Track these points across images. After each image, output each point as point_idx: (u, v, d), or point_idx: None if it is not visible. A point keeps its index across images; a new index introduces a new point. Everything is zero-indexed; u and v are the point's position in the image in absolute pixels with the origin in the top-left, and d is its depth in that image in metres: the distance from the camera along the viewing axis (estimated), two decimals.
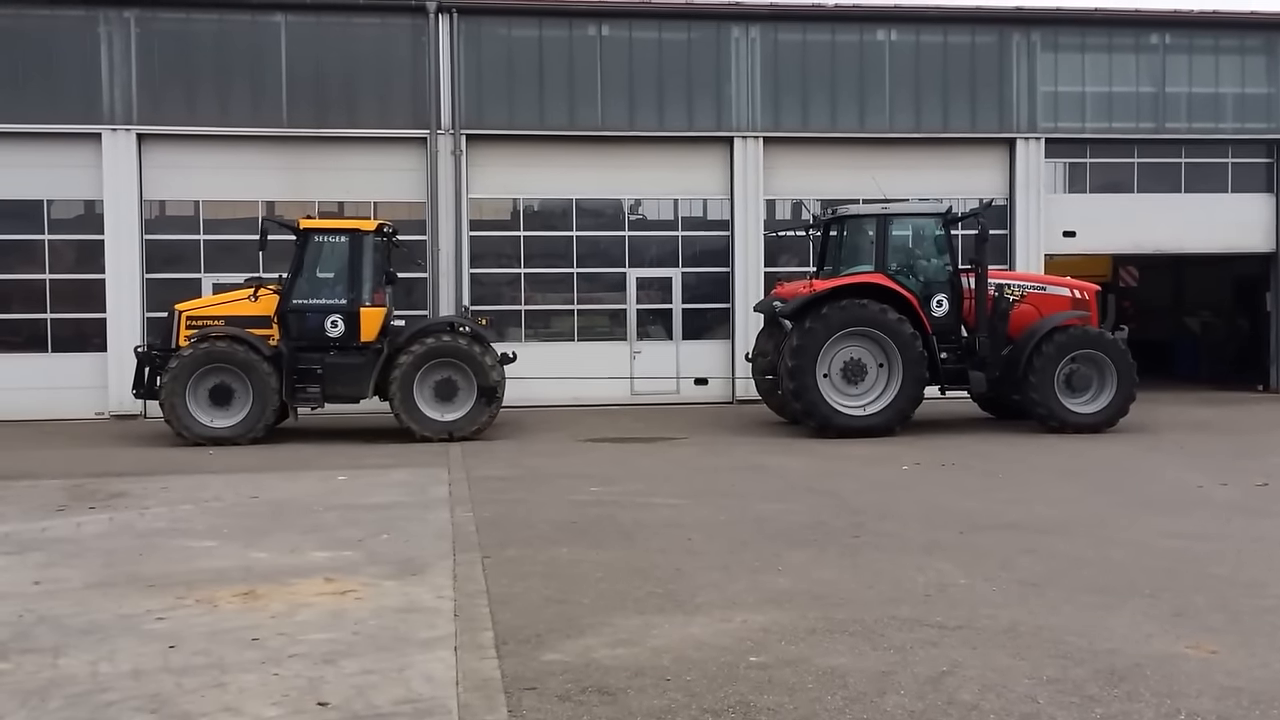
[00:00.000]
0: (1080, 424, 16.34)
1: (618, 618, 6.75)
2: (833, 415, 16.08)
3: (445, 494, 11.40)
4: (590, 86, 21.21)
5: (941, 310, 16.70)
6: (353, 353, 16.40)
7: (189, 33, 20.40)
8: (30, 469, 13.58)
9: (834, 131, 21.83)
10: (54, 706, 5.30)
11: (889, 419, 16.15)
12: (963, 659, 5.93)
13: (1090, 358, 16.56)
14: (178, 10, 20.41)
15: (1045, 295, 17.23)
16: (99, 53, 19.93)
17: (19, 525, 9.87)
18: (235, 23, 20.54)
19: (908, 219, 17.45)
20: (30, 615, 6.84)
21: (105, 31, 19.93)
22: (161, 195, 20.49)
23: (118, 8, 19.95)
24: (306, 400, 16.41)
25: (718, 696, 5.39)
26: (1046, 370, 16.32)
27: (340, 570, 8.00)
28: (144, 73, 20.06)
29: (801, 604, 7.03)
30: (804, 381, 15.98)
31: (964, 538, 9.12)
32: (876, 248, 16.75)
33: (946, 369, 16.57)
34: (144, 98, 20.04)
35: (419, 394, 16.32)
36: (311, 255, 16.53)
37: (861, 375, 16.24)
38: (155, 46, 20.16)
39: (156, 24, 20.23)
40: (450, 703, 5.30)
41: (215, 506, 10.78)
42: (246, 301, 16.47)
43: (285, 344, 16.26)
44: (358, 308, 16.38)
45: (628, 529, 9.56)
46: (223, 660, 5.95)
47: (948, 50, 22.15)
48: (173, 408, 15.88)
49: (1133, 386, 16.61)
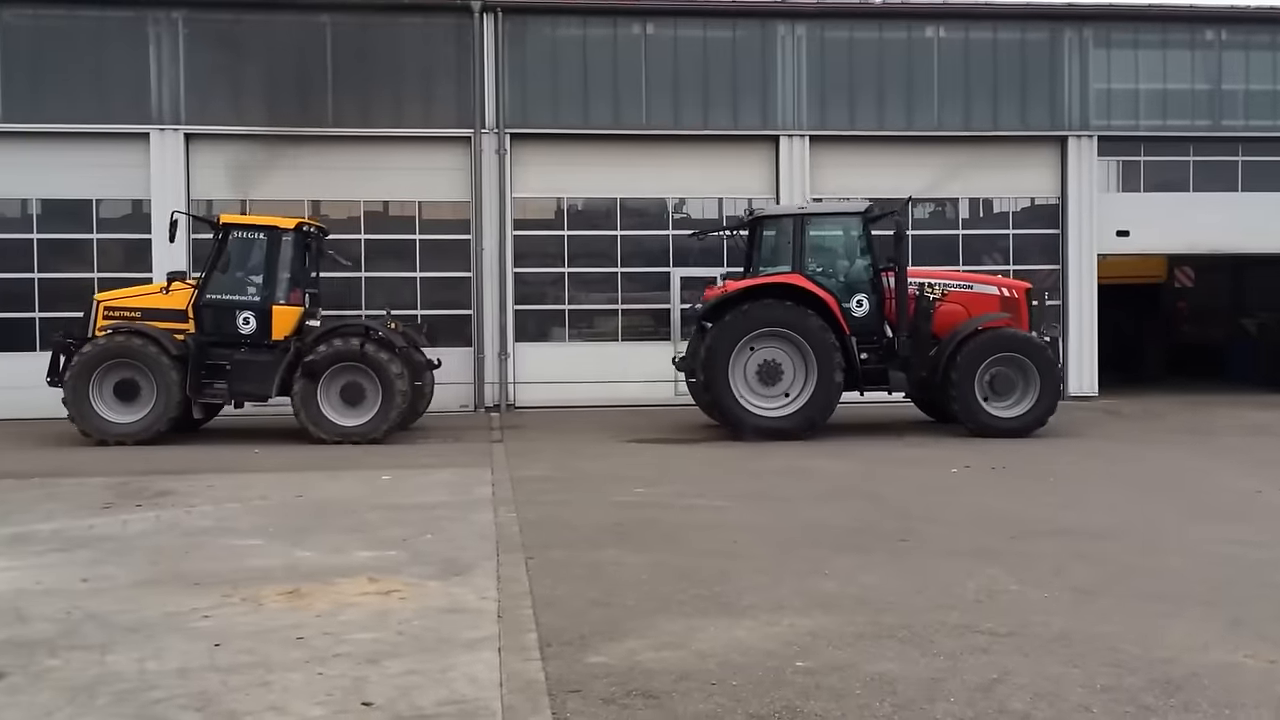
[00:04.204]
0: (1001, 428, 15.88)
1: (662, 620, 6.68)
2: (745, 416, 15.86)
3: (488, 494, 11.38)
4: (635, 85, 21.17)
5: (862, 310, 16.38)
6: (262, 350, 16.23)
7: (236, 33, 20.58)
8: (77, 466, 13.72)
9: (881, 130, 21.66)
10: (101, 703, 5.32)
11: (802, 421, 15.87)
12: (1014, 666, 5.81)
13: (1013, 360, 16.06)
14: (225, 11, 20.60)
15: (972, 294, 16.78)
16: (147, 53, 20.14)
17: (67, 523, 9.95)
18: (281, 23, 20.70)
19: (826, 219, 17.28)
20: (78, 612, 6.88)
21: (154, 32, 20.15)
22: (208, 195, 20.66)
23: (166, 9, 20.16)
24: (213, 396, 16.21)
25: (764, 701, 5.31)
26: (966, 372, 15.87)
27: (384, 570, 7.99)
28: (191, 73, 20.25)
29: (848, 608, 6.93)
30: (716, 382, 15.84)
31: (1015, 543, 8.97)
32: (794, 248, 16.48)
33: (866, 370, 16.19)
34: (191, 98, 20.24)
35: (324, 397, 16.02)
36: (229, 251, 16.49)
37: (777, 377, 15.99)
38: (203, 47, 20.36)
39: (204, 25, 20.43)
40: (494, 704, 5.26)
41: (260, 505, 10.83)
42: (161, 295, 16.43)
43: (197, 339, 16.10)
44: (270, 305, 16.28)
45: (672, 531, 9.49)
46: (268, 659, 5.95)
47: (998, 47, 21.90)
48: (75, 403, 15.71)
49: (1057, 390, 16.13)
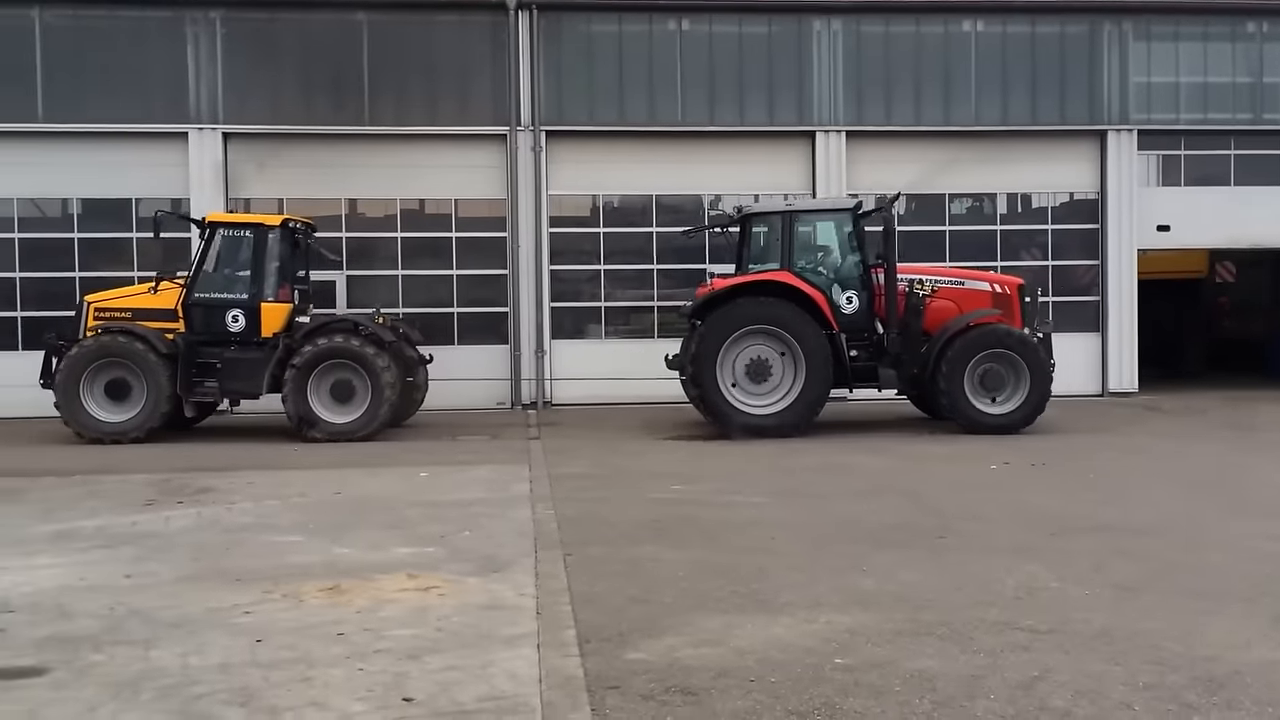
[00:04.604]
0: (990, 425, 15.81)
1: (700, 617, 6.68)
2: (733, 414, 15.83)
3: (526, 491, 11.41)
4: (670, 81, 21.14)
5: (852, 307, 16.27)
6: (252, 348, 16.33)
7: (272, 32, 20.73)
8: (119, 464, 13.87)
9: (918, 125, 21.53)
10: (145, 698, 5.38)
11: (792, 419, 15.79)
12: (1055, 664, 5.77)
13: (1003, 356, 15.95)
14: (262, 10, 20.73)
15: (963, 290, 16.64)
16: (185, 53, 20.31)
17: (110, 519, 10.07)
18: (318, 21, 20.82)
19: (815, 215, 17.20)
20: (122, 608, 6.97)
21: (192, 32, 20.32)
22: (245, 194, 20.80)
23: (204, 8, 20.32)
24: (203, 394, 16.30)
25: (803, 699, 5.30)
26: (956, 369, 15.78)
27: (423, 566, 8.03)
28: (229, 72, 20.42)
29: (887, 605, 6.90)
30: (704, 380, 15.81)
31: (1054, 539, 8.89)
32: (782, 245, 16.41)
33: (856, 367, 16.12)
34: (229, 97, 20.40)
35: (314, 394, 16.10)
36: (216, 249, 16.60)
37: (766, 374, 15.94)
38: (240, 46, 20.52)
39: (241, 24, 20.58)
40: (534, 701, 5.28)
41: (300, 502, 10.91)
42: (150, 295, 16.56)
43: (186, 337, 16.20)
44: (258, 303, 16.38)
45: (709, 528, 9.49)
46: (309, 655, 6.00)
47: (1036, 41, 21.71)
48: (66, 403, 15.87)
49: (1047, 387, 15.97)
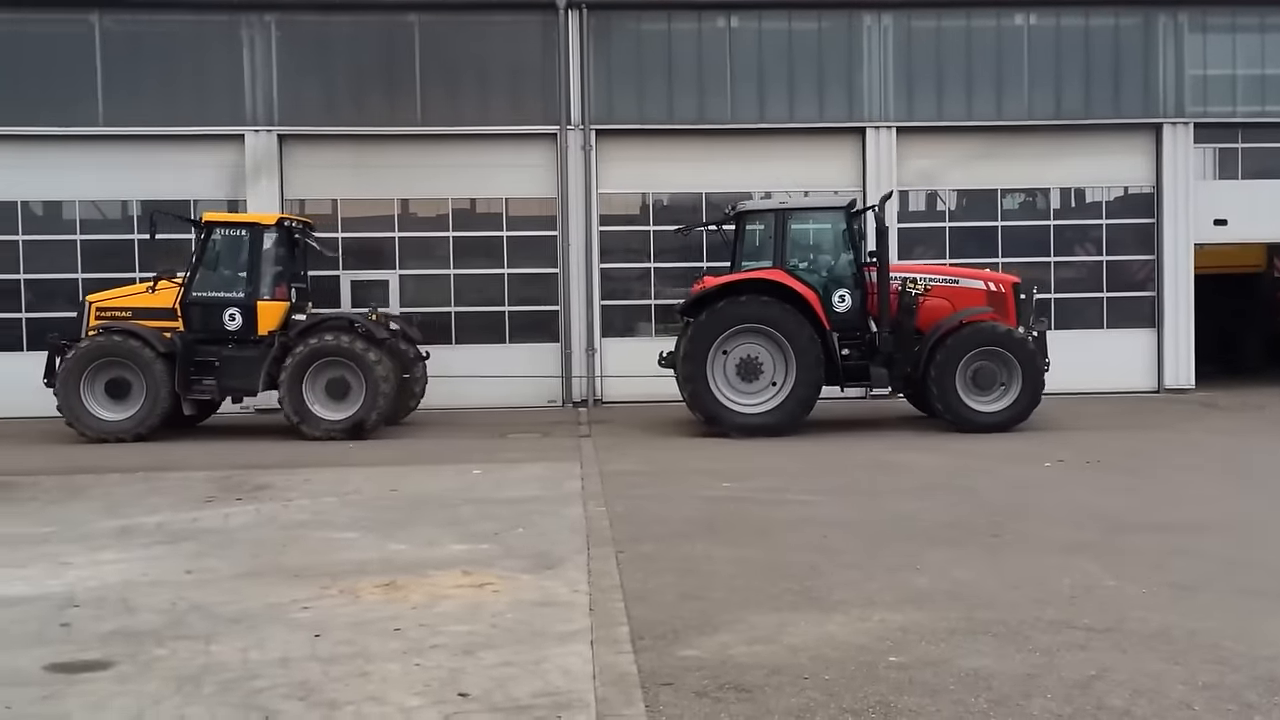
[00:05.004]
0: (983, 423, 15.69)
1: (753, 615, 6.69)
2: (723, 412, 15.82)
3: (578, 489, 11.46)
4: (719, 79, 21.13)
5: (845, 306, 16.18)
6: (249, 346, 16.52)
7: (326, 35, 20.96)
8: (179, 460, 14.12)
9: (969, 120, 21.35)
10: (207, 692, 5.47)
11: (782, 418, 15.75)
12: (1112, 663, 5.73)
13: (995, 354, 15.85)
14: (315, 12, 20.96)
15: (957, 289, 16.52)
16: (241, 56, 20.59)
17: (171, 516, 10.26)
18: (370, 23, 21.01)
19: (808, 213, 17.10)
20: (183, 603, 7.10)
21: (247, 35, 20.60)
22: (301, 194, 21.08)
23: (259, 11, 20.59)
24: (201, 392, 16.48)
25: (857, 696, 5.30)
26: (947, 367, 15.70)
27: (477, 563, 8.11)
28: (284, 74, 20.67)
29: (941, 604, 6.87)
30: (694, 378, 15.81)
31: (1110, 538, 8.81)
32: (775, 243, 16.33)
33: (848, 366, 16.05)
34: (284, 99, 20.65)
35: (310, 392, 16.22)
36: (213, 248, 16.79)
37: (757, 373, 15.90)
38: (294, 48, 20.77)
39: (295, 27, 20.82)
40: (588, 697, 5.31)
41: (356, 499, 11.05)
42: (149, 294, 16.78)
43: (185, 336, 16.39)
44: (255, 301, 16.56)
45: (761, 525, 9.49)
46: (366, 650, 6.08)
47: (1089, 33, 21.45)
48: (67, 402, 16.09)
49: (1039, 385, 15.84)
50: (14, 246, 20.42)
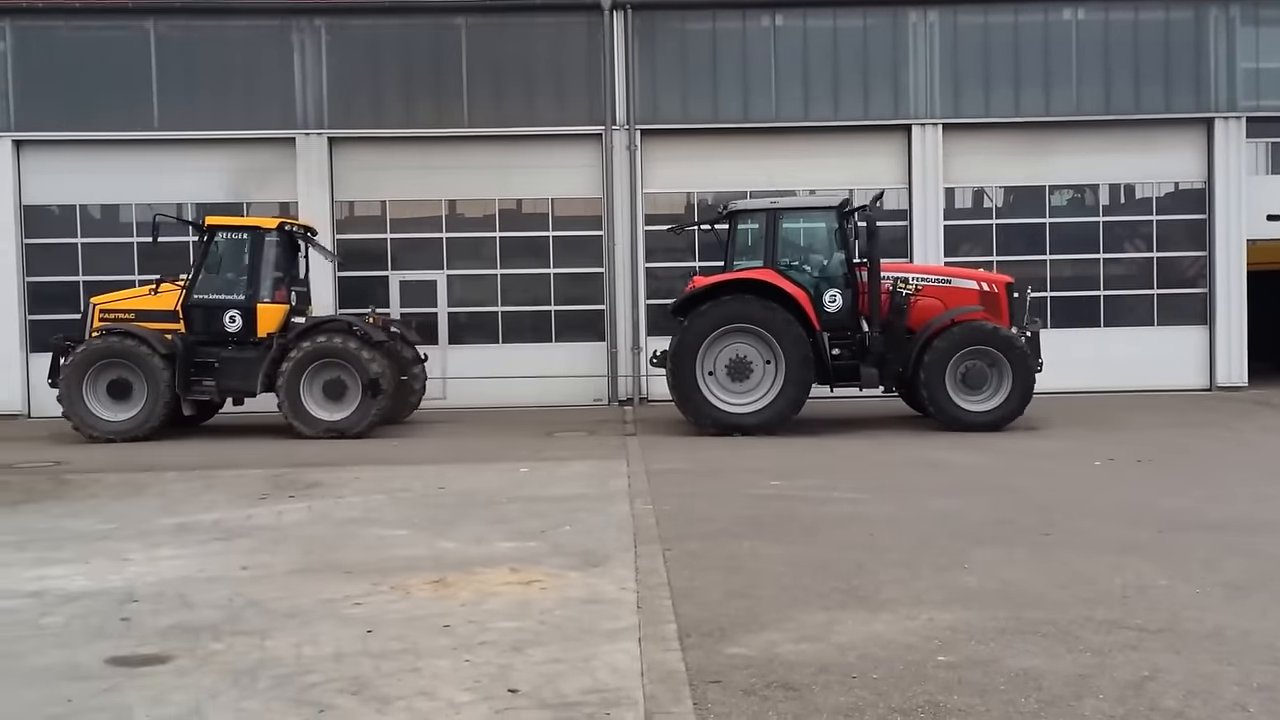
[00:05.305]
0: (972, 422, 15.64)
1: (800, 613, 6.70)
2: (712, 412, 15.85)
3: (624, 486, 11.51)
4: (764, 78, 21.10)
5: (835, 305, 16.15)
6: (248, 348, 16.72)
7: (375, 38, 21.17)
8: (233, 459, 14.33)
9: (1017, 116, 21.17)
10: (262, 686, 5.56)
11: (770, 417, 15.75)
12: (1165, 664, 5.68)
13: (985, 354, 15.78)
14: (364, 17, 21.16)
15: (949, 289, 16.42)
16: (292, 60, 20.85)
17: (227, 513, 10.43)
18: (418, 26, 21.20)
19: (800, 213, 17.07)
20: (239, 599, 7.22)
21: (298, 40, 20.85)
22: (351, 196, 21.31)
23: (309, 16, 20.84)
24: (201, 393, 16.69)
25: (906, 695, 5.29)
26: (937, 366, 15.67)
27: (525, 560, 8.17)
28: (334, 78, 20.89)
29: (990, 603, 6.84)
30: (683, 377, 15.83)
31: (1163, 537, 8.72)
32: (766, 243, 16.30)
33: (838, 366, 16.02)
34: (334, 102, 20.88)
35: (307, 392, 16.43)
36: (214, 251, 17.00)
37: (747, 372, 15.89)
38: (344, 53, 20.99)
39: (345, 31, 21.05)
40: (636, 694, 5.34)
41: (405, 497, 11.16)
42: (151, 296, 17.02)
43: (186, 338, 16.60)
44: (255, 303, 16.75)
45: (807, 523, 9.49)
46: (417, 646, 6.15)
47: (1139, 28, 21.19)
48: (70, 403, 16.30)
49: (1030, 385, 15.72)
50: (73, 249, 20.80)
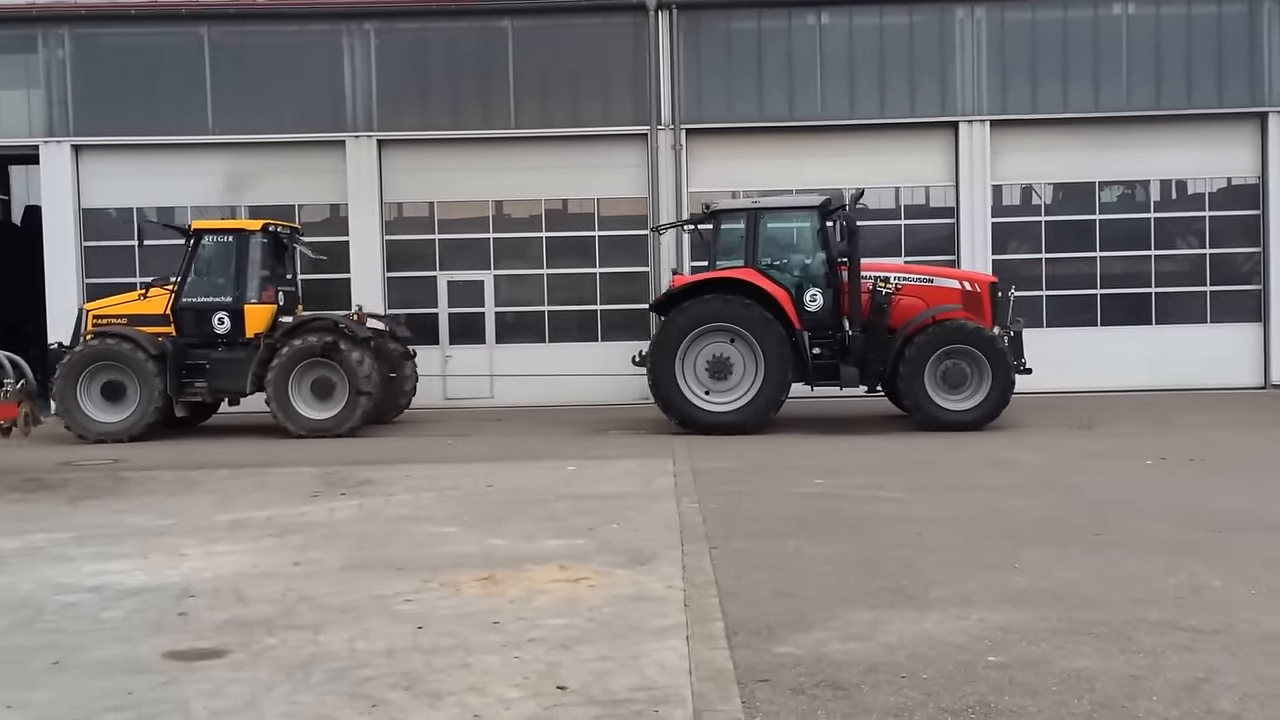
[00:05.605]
0: (950, 421, 15.56)
1: (848, 612, 6.68)
2: (691, 411, 15.90)
3: (671, 485, 11.53)
4: (810, 76, 21.04)
5: (816, 305, 16.17)
6: (238, 348, 16.92)
7: (423, 41, 21.36)
8: (284, 457, 14.51)
9: (1065, 112, 20.96)
10: (316, 680, 5.63)
11: (749, 416, 15.79)
12: (1221, 666, 5.61)
13: (965, 353, 15.69)
14: (413, 20, 21.34)
15: (931, 288, 16.38)
16: (342, 64, 21.07)
17: (280, 510, 10.57)
18: (465, 29, 21.33)
19: (781, 213, 17.07)
20: (293, 594, 7.31)
21: (348, 43, 21.06)
22: (399, 197, 21.51)
23: (358, 20, 21.05)
24: (193, 395, 16.90)
25: (956, 696, 5.26)
26: (916, 365, 15.63)
27: (573, 558, 8.22)
28: (383, 81, 21.08)
29: (1041, 603, 6.79)
30: (662, 376, 15.87)
31: (1217, 537, 8.62)
32: (747, 242, 16.32)
33: (818, 365, 16.03)
34: (383, 105, 21.07)
35: (296, 391, 16.60)
36: (201, 255, 17.21)
37: (727, 371, 15.90)
38: (392, 55, 21.17)
39: (393, 34, 21.23)
40: (684, 692, 5.35)
41: (454, 494, 11.25)
42: (141, 300, 17.25)
43: (177, 341, 16.83)
44: (242, 305, 16.96)
45: (854, 522, 9.46)
46: (467, 642, 6.20)
47: (1191, 22, 20.92)
48: (64, 405, 16.51)
49: (1009, 384, 15.63)
50: (129, 251, 21.11)
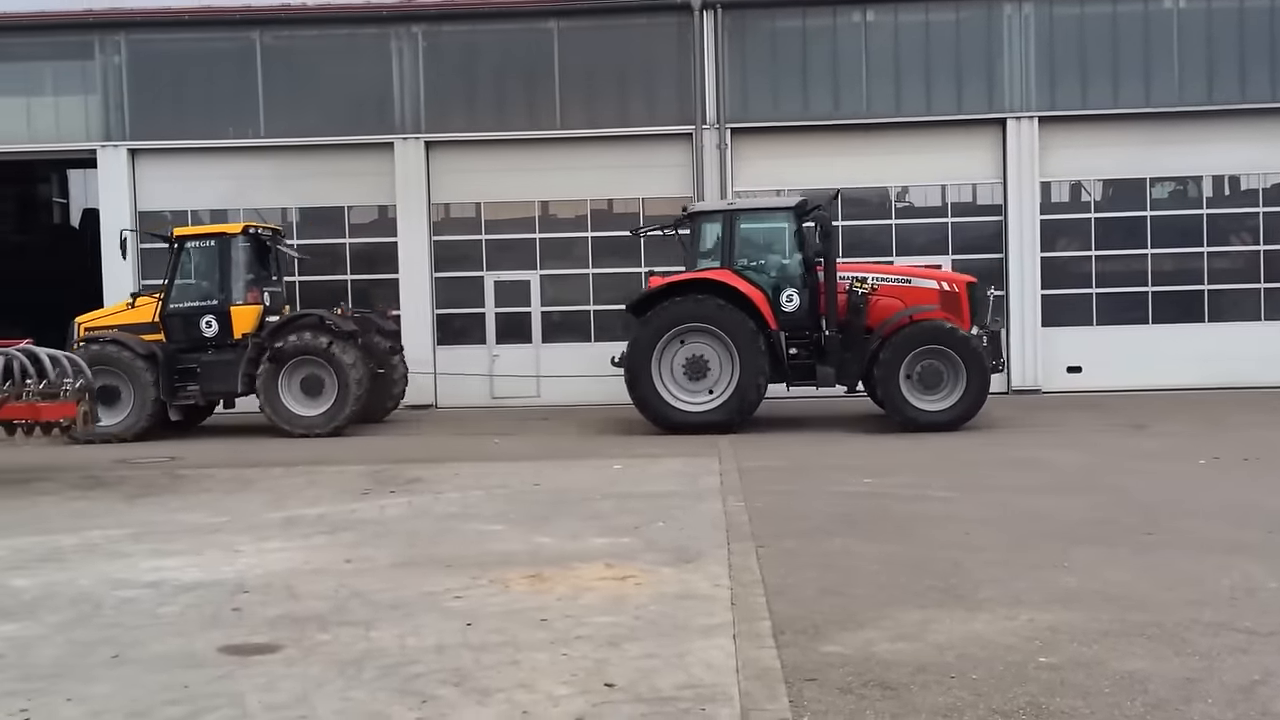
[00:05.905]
0: (926, 422, 15.48)
1: (896, 611, 6.66)
2: (667, 410, 15.97)
3: (716, 484, 11.53)
4: (855, 74, 20.98)
5: (793, 305, 16.16)
6: (227, 350, 17.08)
7: (470, 44, 21.51)
8: (334, 455, 14.66)
9: (1116, 108, 20.74)
10: (368, 676, 5.68)
11: (726, 415, 15.88)
12: (1276, 667, 5.54)
13: (940, 353, 15.58)
14: (460, 23, 21.50)
15: (908, 288, 16.28)
16: (390, 67, 21.27)
17: (331, 507, 10.69)
18: (512, 31, 21.47)
19: (758, 214, 17.12)
20: (344, 591, 7.40)
21: (396, 46, 21.26)
22: (446, 198, 21.68)
23: (407, 23, 21.24)
24: (187, 398, 17.10)
25: (1006, 697, 5.22)
26: (892, 365, 15.56)
27: (619, 556, 8.24)
28: (430, 83, 21.26)
29: (1092, 604, 6.73)
30: (638, 376, 15.93)
31: (1272, 537, 8.49)
32: (723, 244, 16.35)
33: (795, 365, 16.06)
34: (430, 107, 21.26)
35: (286, 390, 16.77)
36: (185, 261, 17.38)
37: (704, 372, 15.96)
38: (440, 58, 21.34)
39: (441, 37, 21.41)
40: (731, 690, 5.35)
41: (501, 493, 11.32)
42: (130, 310, 17.47)
43: (167, 346, 17.02)
44: (228, 307, 17.11)
45: (901, 521, 9.43)
46: (515, 639, 6.24)
47: (1244, 15, 20.64)
48: None
49: (985, 385, 15.51)
50: None
